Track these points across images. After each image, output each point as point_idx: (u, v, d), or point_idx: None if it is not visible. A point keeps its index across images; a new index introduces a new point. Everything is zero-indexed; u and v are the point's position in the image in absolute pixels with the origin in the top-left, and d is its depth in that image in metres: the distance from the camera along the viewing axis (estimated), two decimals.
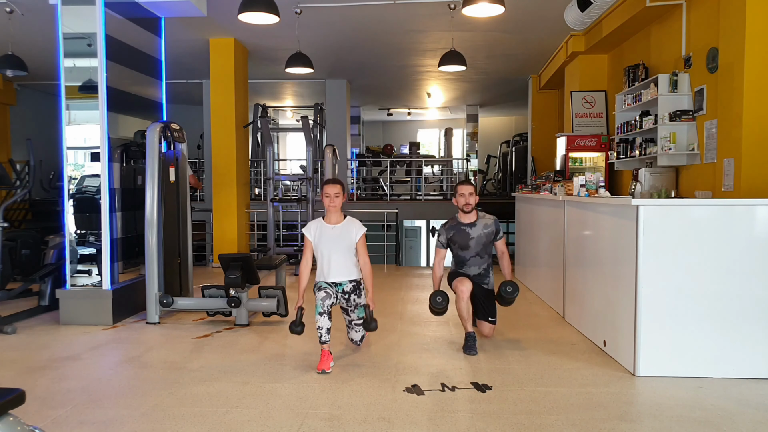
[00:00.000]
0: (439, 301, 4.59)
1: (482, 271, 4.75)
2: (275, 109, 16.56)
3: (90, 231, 5.82)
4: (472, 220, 4.70)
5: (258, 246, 10.53)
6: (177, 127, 5.84)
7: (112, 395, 3.60)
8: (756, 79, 5.04)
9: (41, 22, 7.62)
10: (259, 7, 5.95)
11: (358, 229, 4.31)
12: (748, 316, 3.84)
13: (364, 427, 3.11)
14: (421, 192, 14.79)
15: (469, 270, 4.72)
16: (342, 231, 4.28)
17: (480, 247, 4.69)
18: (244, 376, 3.95)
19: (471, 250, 4.69)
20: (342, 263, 4.27)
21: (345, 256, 4.27)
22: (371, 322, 4.26)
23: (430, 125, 20.15)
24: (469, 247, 4.68)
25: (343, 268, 4.28)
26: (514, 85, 12.81)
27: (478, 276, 4.72)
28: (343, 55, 10.29)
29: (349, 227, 4.31)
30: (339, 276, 4.27)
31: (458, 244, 4.71)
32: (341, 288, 4.28)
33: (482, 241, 4.68)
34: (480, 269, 4.74)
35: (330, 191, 4.27)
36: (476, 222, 4.69)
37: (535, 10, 7.51)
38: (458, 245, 4.71)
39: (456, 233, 4.71)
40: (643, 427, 3.14)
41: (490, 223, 4.71)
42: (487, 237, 4.69)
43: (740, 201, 4.13)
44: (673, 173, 6.59)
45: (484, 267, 4.75)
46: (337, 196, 4.26)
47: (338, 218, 4.32)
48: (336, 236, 4.26)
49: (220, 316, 5.68)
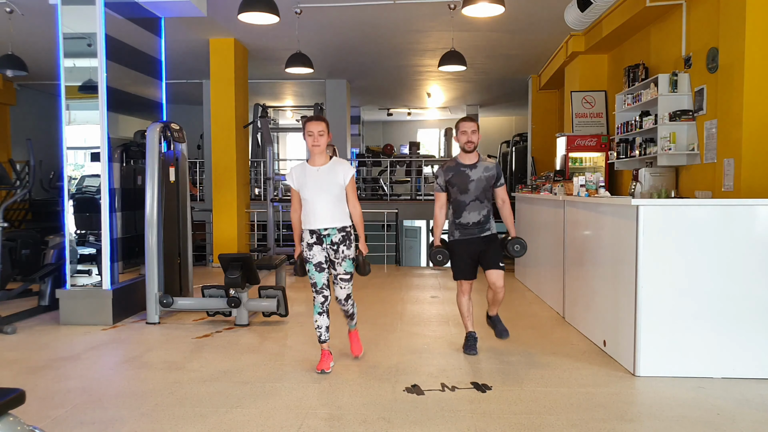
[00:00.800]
0: (439, 259, 4.39)
1: (482, 217, 4.36)
2: (275, 109, 16.55)
3: (90, 231, 5.82)
4: (473, 161, 4.34)
5: (258, 246, 10.53)
6: (177, 127, 5.84)
7: (112, 395, 3.60)
8: (756, 79, 5.03)
9: (41, 22, 7.62)
10: (259, 7, 5.95)
11: (347, 170, 3.93)
12: (748, 316, 3.84)
13: (364, 427, 3.11)
14: (421, 192, 14.79)
15: (468, 217, 4.34)
16: (328, 172, 3.89)
17: (479, 191, 4.32)
18: (244, 376, 3.95)
19: (470, 194, 4.32)
20: (329, 208, 3.89)
21: (333, 200, 3.89)
22: (365, 266, 4.03)
23: (430, 125, 20.15)
24: (468, 191, 4.32)
25: (330, 214, 3.90)
26: (514, 85, 12.80)
27: (477, 224, 4.35)
28: (343, 55, 10.29)
29: (336, 168, 3.91)
30: (326, 222, 3.90)
31: (457, 186, 4.34)
32: (329, 239, 3.92)
33: (482, 184, 4.32)
34: (480, 215, 4.35)
35: (313, 129, 3.83)
36: (477, 164, 4.34)
37: (535, 10, 7.51)
38: (457, 188, 4.34)
39: (455, 174, 4.35)
40: (643, 427, 3.14)
41: (491, 166, 4.36)
42: (487, 181, 4.33)
43: (740, 201, 4.13)
44: (673, 173, 6.59)
45: (484, 213, 4.36)
46: (321, 134, 3.83)
47: (323, 159, 3.93)
48: (322, 179, 3.87)
49: (220, 316, 5.68)
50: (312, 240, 3.94)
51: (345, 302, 4.08)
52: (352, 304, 4.13)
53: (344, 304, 4.09)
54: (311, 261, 3.94)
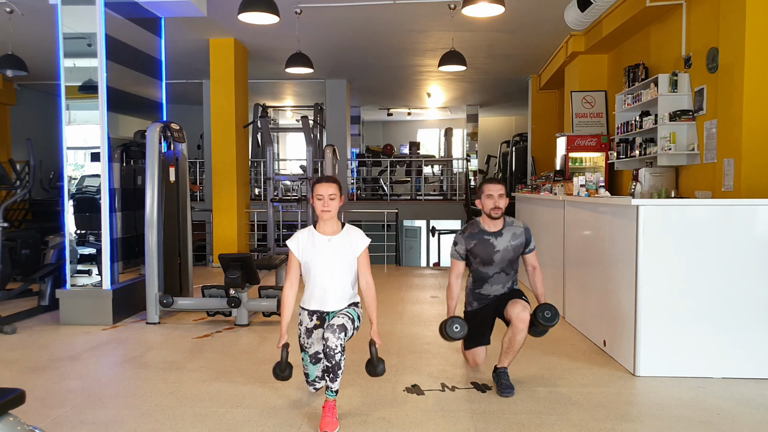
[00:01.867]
0: (456, 330, 3.72)
1: (506, 290, 3.88)
2: (275, 109, 16.56)
3: (90, 231, 5.82)
4: (498, 228, 3.80)
5: (258, 246, 10.54)
6: (177, 127, 5.84)
7: (112, 395, 3.60)
8: (756, 79, 5.04)
9: (41, 22, 7.62)
10: (259, 7, 5.95)
11: (361, 240, 3.30)
12: (748, 316, 3.84)
13: (364, 427, 3.11)
14: (421, 192, 14.80)
15: (491, 290, 3.86)
16: (341, 244, 3.27)
17: (506, 263, 3.81)
18: (244, 376, 3.95)
19: (495, 266, 3.80)
20: (339, 287, 3.27)
21: (343, 277, 3.27)
22: (378, 364, 3.25)
23: (430, 125, 20.15)
24: (492, 262, 3.79)
25: (340, 295, 3.28)
26: (514, 85, 12.81)
27: (500, 296, 3.89)
28: (343, 55, 10.29)
29: (349, 239, 3.29)
30: (335, 304, 3.27)
31: (480, 257, 3.81)
32: (332, 316, 3.27)
33: (509, 255, 3.80)
34: (504, 288, 3.86)
35: (323, 192, 3.21)
36: (503, 230, 3.80)
37: (535, 10, 7.51)
38: (480, 259, 3.81)
39: (478, 243, 3.80)
40: (644, 427, 3.14)
41: (520, 232, 3.82)
42: (515, 251, 3.82)
43: (740, 201, 4.13)
44: (673, 173, 6.59)
45: (509, 285, 3.88)
46: (332, 198, 3.21)
47: (335, 227, 3.29)
48: (333, 251, 3.25)
49: (220, 316, 5.68)
50: (312, 324, 3.29)
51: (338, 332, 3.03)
52: (342, 348, 3.05)
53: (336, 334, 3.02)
54: (308, 351, 3.31)
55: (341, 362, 3.06)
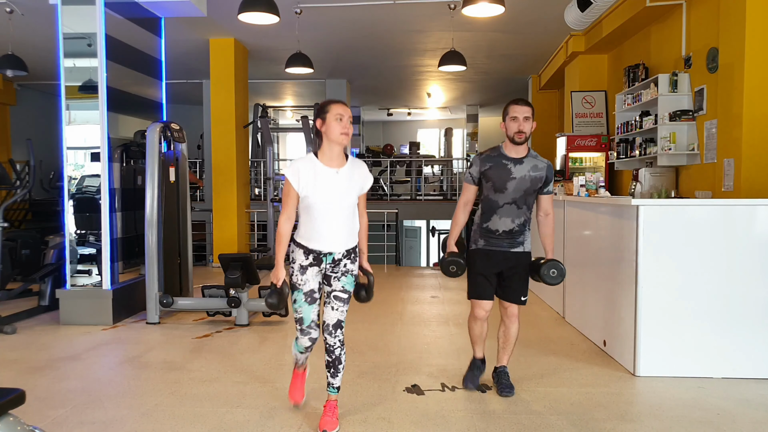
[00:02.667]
0: (452, 271, 3.52)
1: (516, 227, 3.47)
2: (275, 109, 16.56)
3: (90, 231, 5.82)
4: (520, 155, 3.44)
5: (258, 246, 10.54)
6: (177, 127, 5.84)
7: (112, 395, 3.60)
8: (756, 79, 5.04)
9: (41, 22, 7.62)
10: (259, 7, 5.96)
11: (367, 177, 3.03)
12: (748, 316, 3.84)
13: (364, 427, 3.11)
14: (421, 192, 14.80)
15: (499, 223, 3.46)
16: (348, 177, 2.94)
17: (520, 193, 3.42)
18: (244, 376, 3.95)
19: (507, 194, 3.42)
20: (343, 225, 2.94)
21: (349, 215, 2.95)
22: (371, 290, 3.08)
23: (430, 125, 20.16)
24: (505, 189, 3.42)
25: (345, 233, 2.95)
26: (514, 85, 12.81)
27: (509, 234, 3.47)
28: (343, 55, 10.29)
29: (355, 172, 2.98)
30: (337, 244, 2.94)
31: (492, 181, 3.44)
32: (330, 258, 2.96)
33: (525, 185, 3.41)
34: (513, 223, 3.46)
35: (343, 112, 2.88)
36: (524, 159, 3.44)
37: (535, 10, 7.51)
38: (492, 183, 3.44)
39: (494, 166, 3.44)
40: (644, 427, 3.14)
41: (542, 166, 3.45)
42: (532, 183, 3.43)
43: (740, 201, 4.12)
44: (673, 173, 6.59)
45: (519, 222, 3.47)
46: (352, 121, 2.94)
47: (342, 159, 2.96)
48: (341, 185, 2.91)
49: (220, 316, 5.68)
50: (307, 261, 2.95)
51: (335, 332, 2.99)
52: (341, 342, 3.03)
53: (333, 335, 2.99)
54: (302, 288, 2.95)
55: (341, 356, 3.01)
